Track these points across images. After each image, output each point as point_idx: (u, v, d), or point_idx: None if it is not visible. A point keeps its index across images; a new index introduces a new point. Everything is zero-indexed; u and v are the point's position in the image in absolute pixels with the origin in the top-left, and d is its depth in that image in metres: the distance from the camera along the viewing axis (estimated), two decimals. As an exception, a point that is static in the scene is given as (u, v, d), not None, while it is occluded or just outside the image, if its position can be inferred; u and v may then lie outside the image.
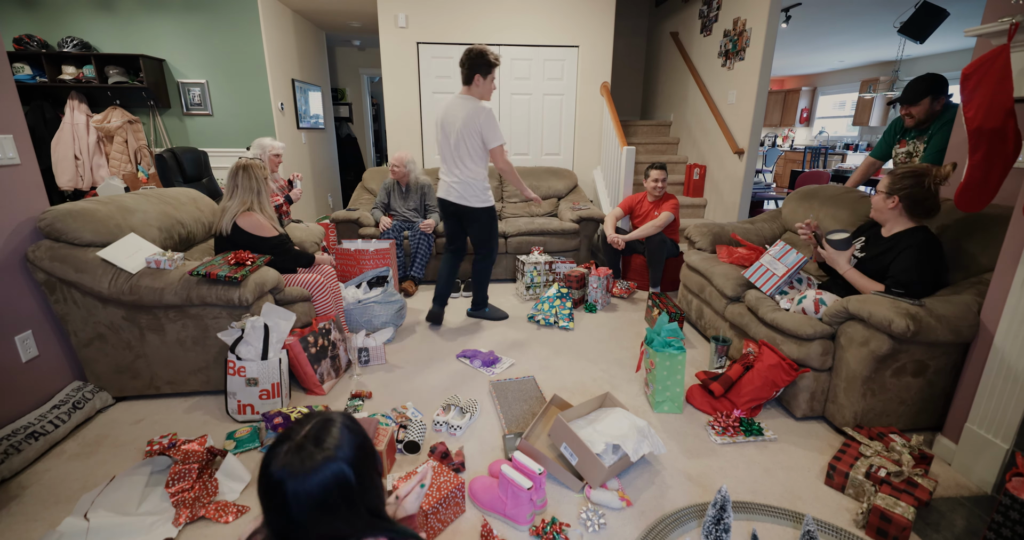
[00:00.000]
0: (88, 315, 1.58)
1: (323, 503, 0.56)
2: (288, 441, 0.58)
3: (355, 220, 2.96)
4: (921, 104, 1.79)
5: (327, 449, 0.57)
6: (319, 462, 0.56)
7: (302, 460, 0.56)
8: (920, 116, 1.82)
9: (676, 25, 4.23)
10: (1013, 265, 1.26)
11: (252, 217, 1.80)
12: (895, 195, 1.53)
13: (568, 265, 2.90)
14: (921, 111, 1.79)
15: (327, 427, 0.60)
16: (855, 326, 1.45)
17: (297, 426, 0.60)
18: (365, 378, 1.87)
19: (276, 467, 0.56)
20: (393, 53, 3.60)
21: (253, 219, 1.80)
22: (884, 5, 3.90)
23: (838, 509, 1.23)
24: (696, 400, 1.68)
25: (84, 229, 1.55)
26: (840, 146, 7.29)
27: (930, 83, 1.76)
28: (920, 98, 1.78)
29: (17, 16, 3.36)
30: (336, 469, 0.57)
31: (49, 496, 1.25)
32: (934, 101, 1.77)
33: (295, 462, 0.56)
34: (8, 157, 1.46)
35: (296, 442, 0.58)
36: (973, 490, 1.30)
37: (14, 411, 1.44)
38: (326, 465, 0.56)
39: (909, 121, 1.86)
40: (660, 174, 2.72)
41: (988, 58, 1.27)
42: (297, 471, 0.55)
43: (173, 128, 3.71)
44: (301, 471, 0.55)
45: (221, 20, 3.48)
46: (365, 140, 6.03)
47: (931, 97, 1.76)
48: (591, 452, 1.25)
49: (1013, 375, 1.23)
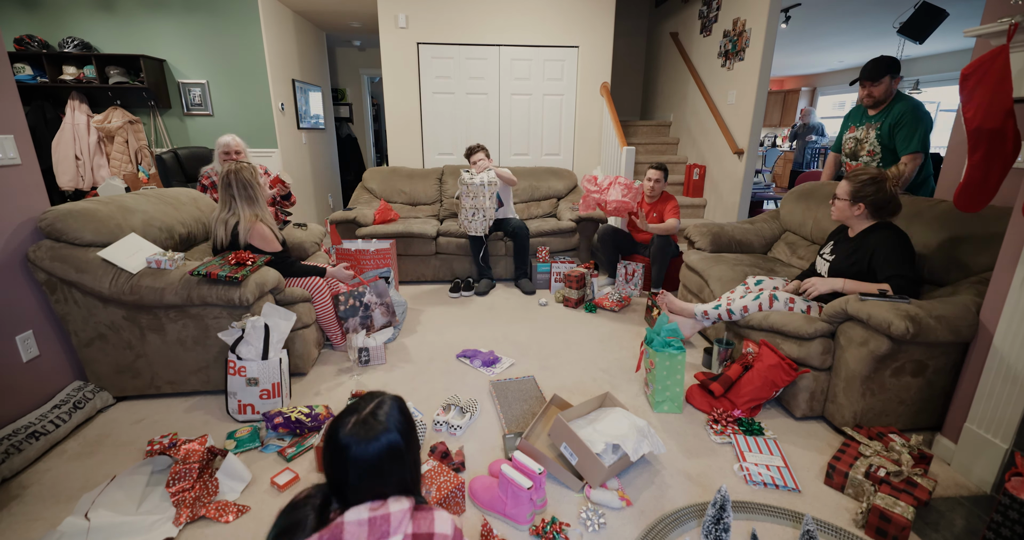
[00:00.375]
0: (89, 315, 1.58)
1: (377, 465, 0.69)
2: (355, 413, 0.72)
3: (354, 220, 2.97)
4: (882, 82, 1.83)
5: (383, 422, 0.71)
6: (379, 431, 0.70)
7: (366, 430, 0.69)
8: (879, 95, 1.86)
9: (676, 25, 4.23)
10: (1012, 265, 1.26)
11: (260, 230, 1.79)
12: (860, 202, 1.58)
13: (568, 265, 2.90)
14: (881, 90, 1.83)
15: (383, 405, 0.73)
16: (854, 326, 1.46)
17: (361, 402, 0.74)
18: (365, 378, 1.87)
19: (344, 434, 0.69)
20: (393, 53, 3.60)
21: (260, 231, 1.79)
22: (884, 5, 3.90)
23: (838, 509, 1.23)
24: (696, 400, 1.68)
25: (85, 229, 1.56)
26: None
27: (889, 61, 1.82)
28: (881, 75, 1.82)
29: (18, 16, 3.37)
30: (391, 438, 0.70)
31: (50, 496, 1.26)
32: (892, 79, 1.82)
33: (360, 431, 0.69)
34: (9, 157, 1.46)
35: (362, 416, 0.71)
36: (972, 490, 1.30)
37: (15, 411, 1.45)
38: (384, 434, 0.70)
39: (868, 101, 1.90)
40: (655, 174, 2.72)
41: (987, 58, 1.27)
42: (361, 438, 0.69)
43: (174, 128, 3.72)
44: (364, 438, 0.69)
45: (221, 20, 3.48)
46: (365, 140, 6.04)
47: (890, 75, 1.81)
48: (591, 452, 1.25)
49: (1012, 375, 1.24)
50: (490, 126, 3.86)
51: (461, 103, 3.78)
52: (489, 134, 3.89)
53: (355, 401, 0.74)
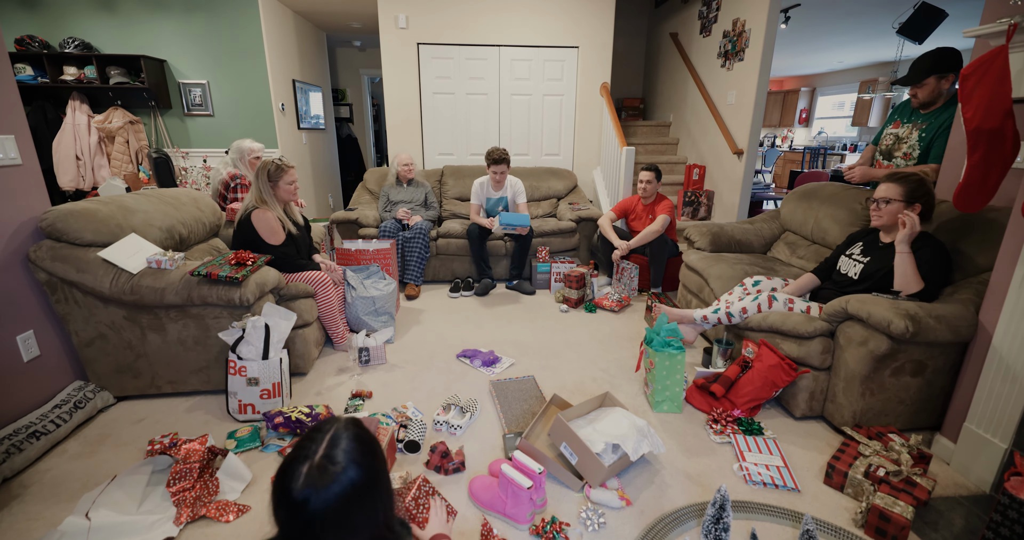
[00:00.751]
0: (89, 315, 1.58)
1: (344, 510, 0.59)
2: (305, 460, 0.60)
3: (355, 220, 2.97)
4: (925, 84, 1.61)
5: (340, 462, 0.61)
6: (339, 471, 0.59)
7: (322, 476, 0.59)
8: (925, 97, 1.65)
9: (675, 26, 4.23)
10: (1012, 265, 1.26)
11: (264, 215, 1.83)
12: (917, 203, 1.51)
13: (568, 265, 2.90)
14: (927, 92, 1.62)
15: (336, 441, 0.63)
16: (854, 326, 1.46)
17: (307, 443, 0.62)
18: (365, 378, 1.87)
19: (298, 488, 0.58)
20: (393, 54, 3.61)
21: (264, 218, 1.83)
22: (883, 6, 3.91)
23: (837, 508, 1.23)
24: (695, 400, 1.68)
25: (85, 229, 1.56)
26: (839, 147, 7.29)
27: (935, 59, 1.58)
28: (923, 77, 1.60)
29: (19, 17, 3.37)
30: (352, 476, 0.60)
31: (51, 495, 1.26)
32: (941, 79, 1.58)
33: (317, 480, 0.58)
34: (10, 157, 1.47)
35: (316, 461, 0.60)
36: (971, 489, 1.30)
37: (16, 410, 1.45)
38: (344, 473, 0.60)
39: (915, 102, 1.71)
40: (646, 175, 2.72)
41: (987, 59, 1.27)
42: (319, 486, 0.58)
43: (174, 129, 3.72)
44: (322, 485, 0.58)
45: (222, 21, 3.49)
46: (366, 140, 6.04)
47: (937, 75, 1.58)
48: (591, 451, 1.26)
49: (1012, 375, 1.24)
50: (490, 126, 3.87)
51: (461, 103, 3.79)
52: (489, 134, 3.89)
53: (300, 441, 0.63)
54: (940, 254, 1.50)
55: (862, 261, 1.66)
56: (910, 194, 1.53)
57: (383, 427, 1.37)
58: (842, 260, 1.75)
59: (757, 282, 1.81)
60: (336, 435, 0.63)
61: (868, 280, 1.61)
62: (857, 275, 1.66)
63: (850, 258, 1.72)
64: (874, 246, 1.66)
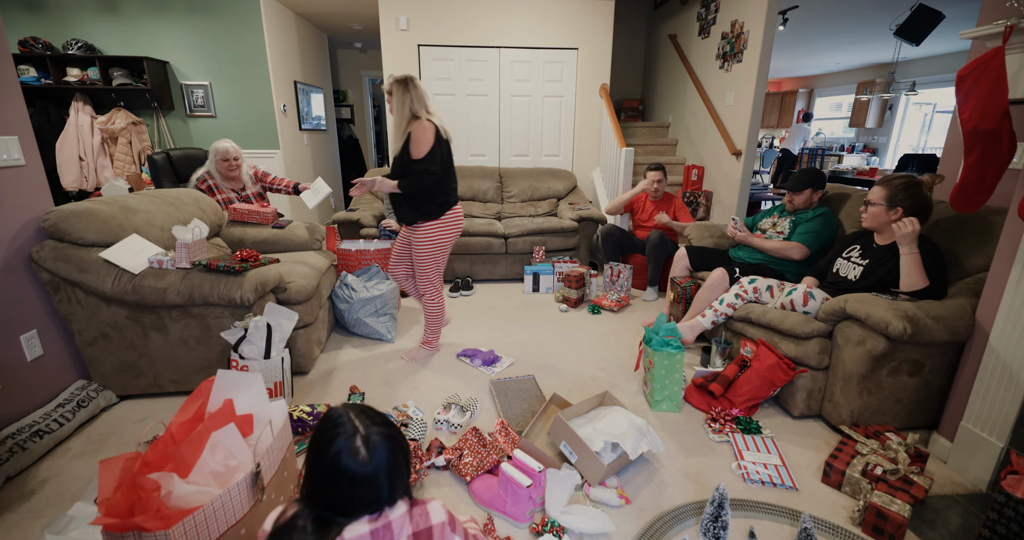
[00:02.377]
0: (92, 315, 1.59)
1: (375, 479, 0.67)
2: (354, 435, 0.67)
3: (356, 221, 2.98)
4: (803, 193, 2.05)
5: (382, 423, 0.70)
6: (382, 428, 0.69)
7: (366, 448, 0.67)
8: (799, 204, 2.08)
9: (674, 27, 4.25)
10: (1008, 265, 1.27)
11: None
12: (898, 207, 1.57)
13: (569, 265, 2.91)
14: (802, 199, 2.06)
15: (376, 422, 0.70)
16: (852, 326, 1.47)
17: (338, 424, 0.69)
18: (366, 377, 1.88)
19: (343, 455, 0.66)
20: (394, 55, 3.62)
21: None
22: (880, 8, 3.92)
23: (835, 506, 1.24)
24: (694, 399, 1.69)
25: (88, 229, 1.57)
26: (837, 147, 7.31)
27: (812, 176, 2.05)
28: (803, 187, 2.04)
29: (22, 18, 3.39)
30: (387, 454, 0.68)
31: (54, 494, 1.27)
32: (814, 192, 2.05)
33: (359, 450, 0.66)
34: (13, 158, 1.48)
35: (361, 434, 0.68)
36: (968, 488, 1.31)
37: (19, 409, 1.46)
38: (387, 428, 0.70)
39: (789, 206, 2.12)
40: (656, 175, 2.74)
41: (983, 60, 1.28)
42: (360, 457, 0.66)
43: (176, 130, 3.74)
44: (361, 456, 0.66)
45: (224, 22, 3.51)
46: (367, 141, 6.06)
47: (811, 188, 2.04)
48: (590, 450, 1.26)
49: (1008, 374, 1.25)
50: (490, 127, 3.88)
51: (461, 104, 3.80)
52: (489, 135, 3.91)
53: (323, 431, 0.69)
54: (935, 253, 1.52)
55: (861, 263, 1.68)
56: (891, 198, 1.58)
57: None
58: (839, 262, 1.77)
59: (753, 280, 1.82)
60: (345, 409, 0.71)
61: (871, 281, 1.63)
62: (857, 277, 1.67)
63: (848, 260, 1.74)
64: (870, 248, 1.68)
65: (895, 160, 6.35)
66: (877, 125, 6.62)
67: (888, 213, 1.59)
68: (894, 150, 6.58)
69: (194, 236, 1.67)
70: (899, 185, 1.58)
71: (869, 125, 6.63)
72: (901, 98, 6.26)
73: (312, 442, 0.69)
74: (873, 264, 1.64)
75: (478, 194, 3.55)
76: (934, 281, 1.48)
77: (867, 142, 6.98)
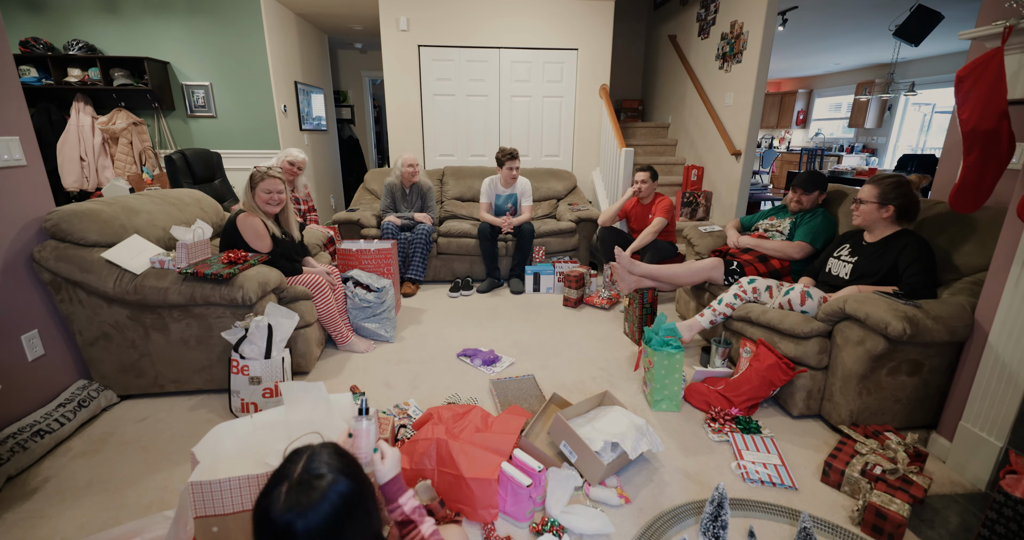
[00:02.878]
0: (93, 314, 1.59)
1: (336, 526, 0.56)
2: (284, 480, 0.58)
3: (356, 221, 2.99)
4: (813, 193, 2.07)
5: (324, 475, 0.58)
6: (325, 489, 0.57)
7: (308, 494, 0.56)
8: (807, 205, 2.09)
9: (674, 28, 4.26)
10: (1007, 265, 1.28)
11: (251, 220, 1.79)
12: (890, 205, 1.59)
13: (569, 265, 2.92)
14: (810, 200, 2.08)
15: (315, 456, 0.60)
16: (851, 326, 1.47)
17: (287, 465, 0.60)
18: (366, 377, 1.89)
19: (279, 511, 0.55)
20: (394, 56, 3.63)
21: (248, 222, 1.79)
22: (879, 8, 3.93)
23: (834, 506, 1.24)
24: (694, 398, 1.70)
25: (89, 229, 1.57)
26: (836, 148, 7.32)
27: (823, 178, 2.10)
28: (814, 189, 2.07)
29: (23, 19, 3.40)
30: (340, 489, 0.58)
31: (55, 493, 1.27)
32: (820, 194, 2.08)
33: (301, 499, 0.55)
34: (14, 158, 1.48)
35: (295, 480, 0.57)
36: (967, 487, 1.31)
37: (20, 409, 1.46)
38: (331, 488, 0.57)
39: (795, 206, 2.11)
40: (641, 176, 2.74)
41: (982, 61, 1.29)
42: (305, 507, 0.55)
43: (177, 130, 3.74)
44: (309, 505, 0.55)
45: (225, 23, 3.51)
46: (367, 142, 6.06)
47: (819, 191, 2.07)
48: (590, 450, 1.27)
49: (1007, 374, 1.25)
50: (490, 128, 3.89)
51: (462, 105, 3.81)
52: (489, 135, 3.91)
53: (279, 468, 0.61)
54: (924, 248, 1.55)
55: (850, 261, 1.70)
56: (883, 196, 1.60)
57: (384, 416, 1.38)
58: (831, 261, 1.78)
59: (752, 281, 1.82)
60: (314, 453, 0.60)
61: (861, 280, 1.64)
62: (848, 275, 1.69)
63: (838, 259, 1.75)
64: (859, 245, 1.70)
65: (894, 160, 6.35)
66: (876, 125, 6.62)
67: (880, 210, 1.62)
68: (893, 150, 6.59)
69: (195, 237, 1.67)
70: (890, 184, 1.60)
71: (868, 125, 6.64)
72: (900, 98, 6.27)
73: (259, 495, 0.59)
74: (862, 261, 1.66)
75: (478, 194, 3.55)
76: (925, 279, 1.50)
77: (866, 142, 6.99)
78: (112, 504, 1.23)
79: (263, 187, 1.83)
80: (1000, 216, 1.48)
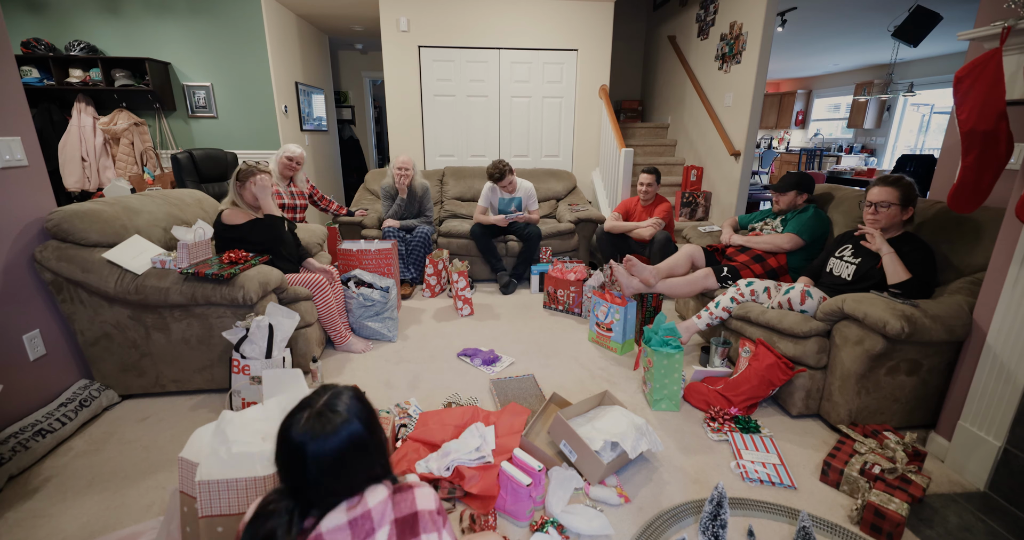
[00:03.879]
0: (94, 314, 1.60)
1: (340, 460, 0.63)
2: (307, 408, 0.65)
3: (357, 221, 2.99)
4: (788, 194, 2.11)
5: (342, 413, 0.65)
6: (338, 424, 0.64)
7: (323, 424, 0.63)
8: (783, 206, 2.14)
9: (674, 29, 4.26)
10: (1005, 265, 1.28)
11: (230, 211, 1.83)
12: (911, 206, 1.61)
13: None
14: (786, 201, 2.12)
15: (339, 395, 0.67)
16: (850, 325, 1.47)
17: (313, 396, 0.67)
18: (366, 377, 1.89)
19: (297, 432, 0.63)
20: (395, 56, 3.64)
21: (229, 212, 1.83)
22: (878, 9, 3.94)
23: (833, 505, 1.24)
24: (693, 398, 1.70)
25: (90, 230, 1.58)
26: (835, 148, 7.33)
27: (799, 179, 2.11)
28: (788, 189, 2.11)
29: (25, 20, 3.41)
30: (352, 429, 0.65)
31: (56, 493, 1.27)
32: (798, 195, 2.11)
33: (316, 426, 0.63)
34: (16, 159, 1.49)
35: (316, 409, 0.65)
36: (966, 487, 1.32)
37: (22, 409, 1.47)
38: (344, 426, 0.64)
39: (776, 208, 2.19)
40: (646, 178, 2.75)
41: (981, 61, 1.29)
42: (318, 434, 0.62)
43: (178, 130, 3.75)
44: (322, 433, 0.63)
45: (226, 24, 3.52)
46: (367, 142, 6.07)
47: (796, 191, 2.10)
48: (590, 449, 1.27)
49: (1005, 373, 1.25)
50: (490, 128, 3.90)
51: (462, 105, 3.82)
52: (489, 136, 3.92)
53: (307, 396, 0.68)
54: (925, 251, 1.55)
55: (854, 262, 1.70)
56: (905, 197, 1.60)
57: (384, 415, 1.39)
58: (832, 261, 1.78)
59: (750, 283, 1.83)
60: (338, 392, 0.68)
61: (864, 281, 1.64)
62: (851, 276, 1.69)
63: (840, 260, 1.75)
64: (862, 247, 1.70)
65: (893, 161, 6.36)
66: (875, 126, 6.63)
67: (903, 213, 1.61)
68: (892, 151, 6.60)
69: (196, 237, 1.68)
70: (908, 184, 1.61)
71: (867, 126, 6.64)
72: (899, 99, 6.27)
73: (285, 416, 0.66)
74: (866, 262, 1.66)
75: (478, 195, 3.56)
76: (920, 277, 1.51)
77: (865, 143, 7.00)
78: (113, 503, 1.23)
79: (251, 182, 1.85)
80: (999, 216, 1.49)
